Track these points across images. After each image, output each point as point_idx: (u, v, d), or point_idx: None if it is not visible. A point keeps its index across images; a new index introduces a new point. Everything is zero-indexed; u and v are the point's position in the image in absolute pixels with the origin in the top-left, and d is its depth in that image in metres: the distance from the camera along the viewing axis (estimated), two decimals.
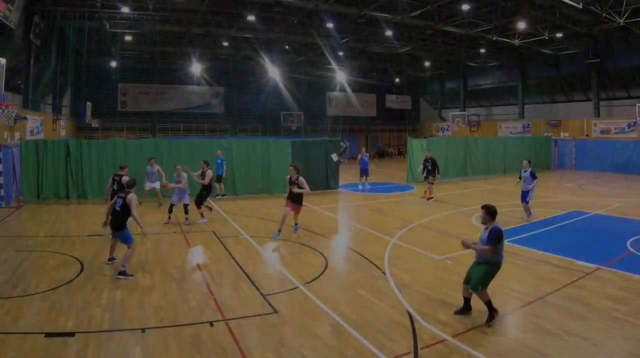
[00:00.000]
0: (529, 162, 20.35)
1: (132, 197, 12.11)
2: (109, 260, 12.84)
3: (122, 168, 16.47)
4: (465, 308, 9.56)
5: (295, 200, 16.38)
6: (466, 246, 9.46)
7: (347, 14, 35.69)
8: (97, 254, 13.80)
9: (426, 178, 24.81)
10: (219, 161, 24.23)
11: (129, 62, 51.17)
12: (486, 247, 9.13)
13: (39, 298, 10.25)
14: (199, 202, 18.85)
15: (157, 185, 22.13)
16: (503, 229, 9.37)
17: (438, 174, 25.40)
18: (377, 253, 14.03)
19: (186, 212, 18.47)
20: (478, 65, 53.28)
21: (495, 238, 9.10)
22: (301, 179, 16.16)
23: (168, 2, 33.89)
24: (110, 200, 13.95)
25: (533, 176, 19.55)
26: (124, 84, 51.64)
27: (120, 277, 11.45)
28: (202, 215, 18.81)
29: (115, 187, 16.05)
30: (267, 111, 57.97)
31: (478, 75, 56.74)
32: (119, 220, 12.17)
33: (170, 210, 18.63)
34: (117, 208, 12.19)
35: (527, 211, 19.40)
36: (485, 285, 9.16)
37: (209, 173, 19.07)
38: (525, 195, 19.55)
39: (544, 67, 48.66)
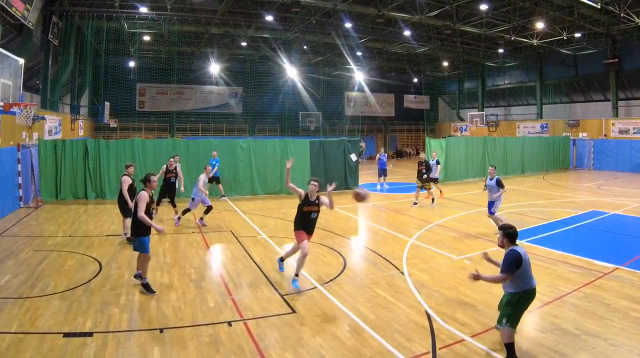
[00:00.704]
0: (495, 168, 17.94)
1: (140, 195, 10.87)
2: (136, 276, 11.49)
3: (127, 167, 15.84)
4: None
5: (313, 227, 11.78)
6: (476, 278, 8.07)
7: (366, 14, 35.81)
8: (115, 254, 13.84)
9: (426, 181, 23.45)
10: (213, 162, 23.96)
11: (147, 62, 51.54)
12: (499, 275, 7.87)
13: (57, 298, 10.29)
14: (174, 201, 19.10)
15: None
16: (522, 252, 7.88)
17: (425, 175, 23.54)
18: (395, 254, 14.03)
19: (206, 212, 18.19)
20: (496, 65, 53.39)
21: (508, 264, 7.75)
22: (323, 198, 11.64)
23: (186, 2, 34.16)
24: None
25: (499, 185, 16.86)
26: (142, 84, 52.08)
27: (141, 287, 10.91)
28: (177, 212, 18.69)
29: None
30: (285, 111, 58.11)
31: (496, 75, 56.78)
32: (134, 226, 10.95)
33: (184, 213, 18.36)
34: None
35: (496, 222, 16.53)
36: (510, 320, 7.62)
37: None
38: (490, 206, 17.12)
39: (562, 67, 48.62)
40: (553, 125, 49.62)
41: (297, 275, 11.10)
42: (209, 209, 18.07)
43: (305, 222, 11.35)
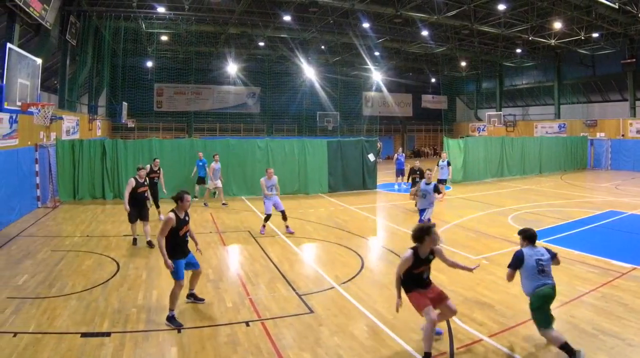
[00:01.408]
0: (431, 171, 16.80)
1: (167, 218, 9.38)
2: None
3: (138, 169, 15.45)
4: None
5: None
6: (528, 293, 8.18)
7: (383, 14, 35.83)
8: (132, 254, 13.89)
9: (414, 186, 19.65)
10: (200, 163, 23.64)
11: (165, 62, 51.76)
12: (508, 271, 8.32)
13: (75, 298, 10.34)
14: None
15: (219, 183, 22.29)
16: (528, 253, 8.20)
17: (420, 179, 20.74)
18: None
19: (285, 218, 17.33)
20: (514, 65, 53.22)
21: (511, 260, 8.30)
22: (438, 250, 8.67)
23: (204, 2, 34.20)
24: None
25: (436, 191, 15.80)
26: (159, 84, 52.22)
27: (167, 323, 9.29)
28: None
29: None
30: (303, 111, 58.16)
31: (514, 75, 56.62)
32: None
33: (265, 220, 17.42)
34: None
35: None
36: (541, 324, 7.83)
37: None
38: (422, 213, 15.96)
39: (580, 67, 48.44)
40: (571, 125, 49.39)
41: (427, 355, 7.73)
42: (283, 215, 17.27)
43: (418, 281, 8.36)
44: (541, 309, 7.88)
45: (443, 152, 26.30)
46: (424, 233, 8.01)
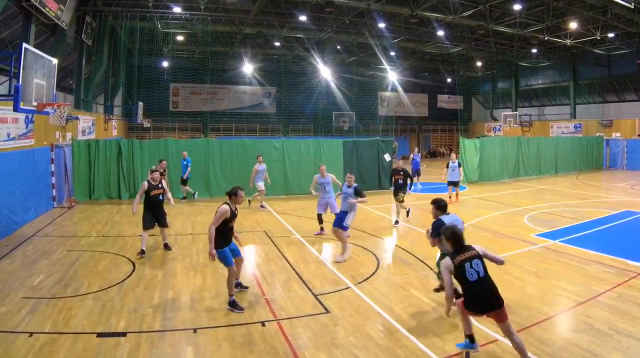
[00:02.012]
0: (352, 174, 15.00)
1: (220, 209, 10.06)
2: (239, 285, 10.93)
3: (151, 171, 14.56)
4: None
5: None
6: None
7: (399, 14, 35.85)
8: (148, 254, 13.90)
9: (396, 194, 18.76)
10: (184, 162, 23.64)
11: (180, 62, 52.05)
12: (433, 240, 9.59)
13: (91, 298, 10.37)
14: None
15: (262, 185, 22.14)
16: (448, 220, 9.49)
17: (410, 188, 19.85)
18: (429, 253, 13.92)
19: (320, 221, 17.01)
20: (530, 65, 53.10)
21: (433, 229, 9.58)
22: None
23: (220, 2, 34.29)
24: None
25: (358, 193, 14.11)
26: (175, 84, 52.56)
27: (229, 308, 9.95)
28: None
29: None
30: (318, 111, 58.33)
31: (530, 75, 56.53)
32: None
33: (320, 220, 17.08)
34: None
35: (343, 240, 14.02)
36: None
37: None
38: (343, 217, 14.10)
39: (595, 67, 48.36)
40: (586, 125, 49.28)
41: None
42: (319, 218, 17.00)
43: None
44: None
45: (453, 153, 25.90)
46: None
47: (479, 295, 7.52)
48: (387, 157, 28.18)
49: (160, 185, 14.21)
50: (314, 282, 11.47)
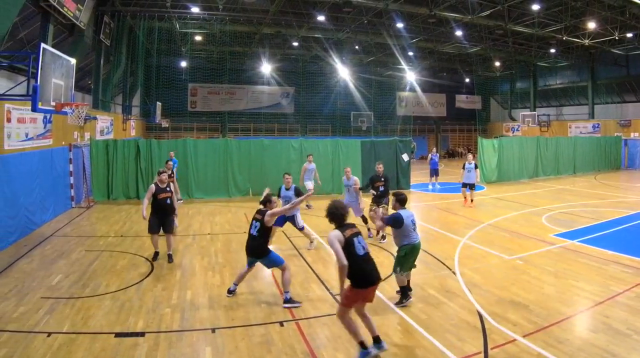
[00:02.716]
0: (290, 174, 15.37)
1: (268, 214, 10.26)
2: (230, 291, 10.74)
3: (159, 173, 13.80)
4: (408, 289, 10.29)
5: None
6: (378, 218, 10.66)
7: (417, 14, 35.82)
8: (166, 254, 13.99)
9: (377, 202, 16.09)
10: (171, 163, 22.61)
11: (198, 62, 52.07)
12: (384, 220, 10.23)
13: (109, 298, 10.40)
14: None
15: (310, 184, 21.95)
16: (405, 215, 9.97)
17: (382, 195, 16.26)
18: (447, 253, 13.96)
19: (365, 221, 16.74)
20: (548, 65, 52.91)
21: (391, 220, 10.01)
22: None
23: (238, 2, 34.32)
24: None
25: (297, 194, 14.43)
26: (193, 84, 52.62)
27: (286, 305, 9.97)
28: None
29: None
30: (336, 111, 58.27)
31: (548, 75, 56.23)
32: (258, 246, 10.36)
33: (364, 222, 16.83)
34: (254, 233, 10.34)
35: (310, 237, 15.22)
36: (402, 268, 9.95)
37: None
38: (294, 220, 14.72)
39: (614, 66, 48.10)
40: (605, 125, 49.02)
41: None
42: (363, 219, 16.78)
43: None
44: (407, 257, 9.91)
45: (470, 154, 25.39)
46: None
47: (365, 269, 7.88)
48: (405, 157, 28.10)
49: (168, 188, 13.58)
50: (332, 282, 11.44)
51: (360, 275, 7.76)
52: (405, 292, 10.05)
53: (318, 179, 22.42)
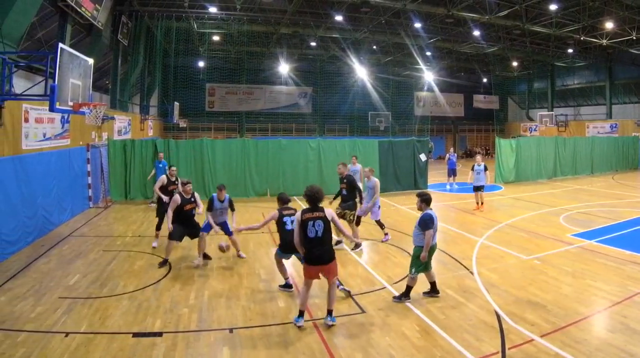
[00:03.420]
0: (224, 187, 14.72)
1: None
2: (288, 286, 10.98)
3: (183, 185, 13.25)
4: (433, 291, 10.57)
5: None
6: (424, 256, 10.01)
7: (435, 14, 35.75)
8: (184, 254, 13.95)
9: (341, 206, 15.09)
10: (161, 165, 22.48)
11: (216, 62, 51.99)
12: (427, 234, 9.96)
13: (126, 298, 10.45)
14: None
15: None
16: (434, 215, 10.24)
17: (360, 200, 15.36)
18: (465, 253, 13.96)
19: (381, 226, 16.20)
20: (566, 65, 52.64)
21: (425, 223, 10.00)
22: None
23: (256, 2, 34.32)
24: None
25: (231, 206, 13.72)
26: (211, 83, 52.70)
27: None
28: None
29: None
30: (354, 111, 58.40)
31: (566, 75, 55.93)
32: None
33: (380, 227, 16.42)
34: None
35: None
36: (418, 269, 10.15)
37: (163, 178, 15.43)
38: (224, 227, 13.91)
39: (631, 66, 47.88)
40: (622, 125, 48.85)
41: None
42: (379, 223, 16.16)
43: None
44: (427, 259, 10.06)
45: (478, 155, 24.48)
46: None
47: (311, 250, 8.98)
48: (422, 157, 28.02)
49: (192, 199, 13.20)
50: (350, 282, 11.44)
51: (308, 254, 9.06)
52: (409, 291, 10.27)
53: (361, 179, 22.13)
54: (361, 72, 52.42)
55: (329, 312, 9.17)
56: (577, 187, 29.09)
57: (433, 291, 10.52)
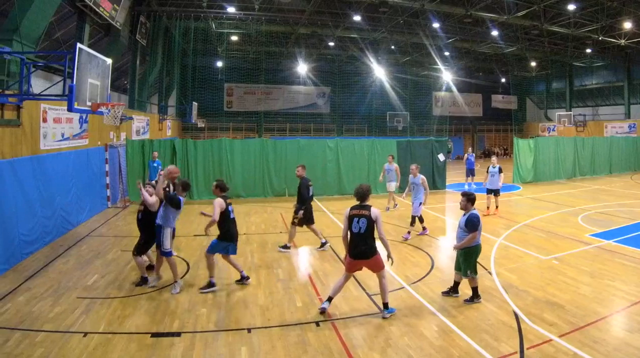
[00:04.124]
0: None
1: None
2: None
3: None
4: (453, 291, 10.61)
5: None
6: (458, 247, 10.29)
7: (453, 14, 35.71)
8: (202, 254, 13.94)
9: (297, 212, 14.64)
10: (155, 165, 22.28)
11: (235, 62, 52.22)
12: (470, 236, 10.06)
13: (145, 298, 10.48)
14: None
15: (393, 185, 21.81)
16: (478, 214, 10.38)
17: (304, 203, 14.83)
18: (483, 254, 13.70)
19: (420, 221, 16.84)
20: (584, 65, 52.58)
21: (474, 224, 10.11)
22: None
23: (274, 2, 34.42)
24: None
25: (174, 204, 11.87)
26: (230, 83, 52.86)
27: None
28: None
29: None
30: (372, 111, 58.49)
31: (584, 75, 55.79)
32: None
33: (420, 221, 16.96)
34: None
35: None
36: (473, 270, 10.14)
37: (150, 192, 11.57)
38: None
39: None
40: None
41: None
42: (414, 219, 16.95)
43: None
44: (476, 258, 10.29)
45: (494, 156, 24.19)
46: None
47: (356, 245, 9.36)
48: (441, 157, 27.95)
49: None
50: (368, 282, 11.38)
51: (352, 249, 9.46)
52: (476, 291, 10.30)
53: (399, 179, 22.09)
54: (379, 72, 52.47)
55: (385, 305, 9.43)
56: (595, 187, 29.00)
57: (454, 291, 10.56)
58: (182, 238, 15.51)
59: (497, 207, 21.04)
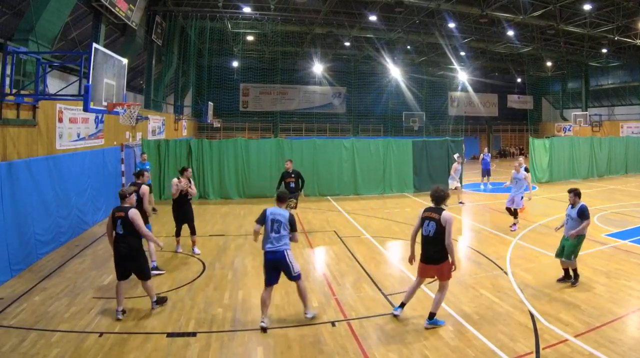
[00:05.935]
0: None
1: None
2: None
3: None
4: (567, 277, 11.38)
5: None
6: (574, 234, 11.21)
7: (469, 14, 35.76)
8: (218, 254, 14.03)
9: (292, 198, 15.76)
10: (147, 167, 21.53)
11: (250, 62, 52.23)
12: (585, 224, 11.21)
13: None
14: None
15: (453, 183, 22.49)
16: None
17: (301, 190, 17.86)
18: (499, 253, 13.93)
19: (515, 216, 17.38)
20: (600, 65, 52.35)
21: (587, 213, 11.37)
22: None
23: (290, 2, 34.46)
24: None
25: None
26: (245, 84, 52.94)
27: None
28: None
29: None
30: (388, 111, 58.47)
31: (600, 75, 55.55)
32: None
33: (515, 214, 17.59)
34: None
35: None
36: (576, 255, 11.20)
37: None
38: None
39: None
40: None
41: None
42: (512, 211, 17.70)
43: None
44: (580, 245, 11.36)
45: (521, 157, 23.32)
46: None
47: (426, 249, 9.13)
48: (456, 156, 27.85)
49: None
50: (384, 282, 11.45)
51: (423, 252, 9.23)
52: (576, 273, 11.28)
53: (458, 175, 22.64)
54: (395, 72, 52.28)
55: (431, 315, 9.02)
56: (611, 187, 28.92)
57: (572, 278, 11.31)
58: (198, 238, 15.46)
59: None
